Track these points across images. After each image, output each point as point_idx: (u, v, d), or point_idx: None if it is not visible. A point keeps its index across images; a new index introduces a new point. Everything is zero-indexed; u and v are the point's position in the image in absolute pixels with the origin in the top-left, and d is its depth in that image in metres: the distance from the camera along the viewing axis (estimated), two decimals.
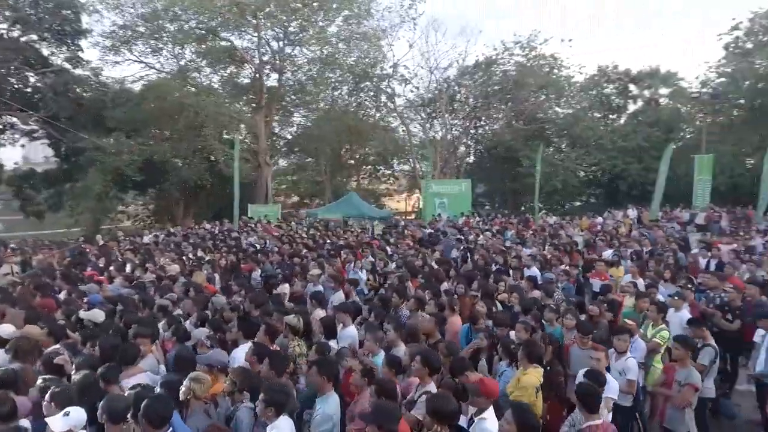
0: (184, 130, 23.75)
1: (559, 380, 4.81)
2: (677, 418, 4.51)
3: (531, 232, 16.38)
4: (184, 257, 11.22)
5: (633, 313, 6.54)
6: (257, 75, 25.16)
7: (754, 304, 6.89)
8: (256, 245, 14.04)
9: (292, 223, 19.67)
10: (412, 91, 31.71)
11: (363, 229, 17.69)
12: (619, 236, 14.99)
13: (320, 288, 8.56)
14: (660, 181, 21.27)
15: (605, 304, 6.72)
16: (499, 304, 7.19)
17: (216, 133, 24.41)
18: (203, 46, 24.81)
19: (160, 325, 5.88)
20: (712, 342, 5.41)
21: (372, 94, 31.07)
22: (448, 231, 16.54)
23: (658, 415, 4.73)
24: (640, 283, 8.35)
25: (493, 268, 9.73)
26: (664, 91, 36.36)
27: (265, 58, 25.12)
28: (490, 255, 11.24)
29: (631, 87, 37.39)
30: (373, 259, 11.00)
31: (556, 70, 33.63)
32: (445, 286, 8.42)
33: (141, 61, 26.15)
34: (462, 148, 35.45)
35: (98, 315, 6.16)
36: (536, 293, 7.49)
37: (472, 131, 34.14)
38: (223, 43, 24.76)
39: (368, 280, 9.94)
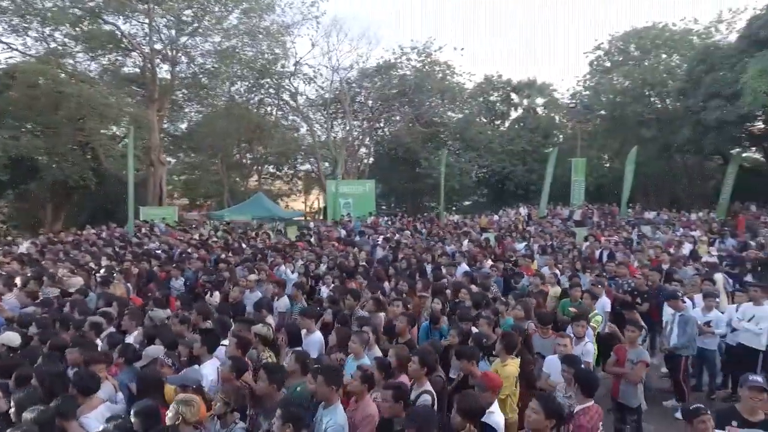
0: (60, 123, 20.72)
1: (530, 369, 5.14)
2: (630, 393, 5.10)
3: (438, 230, 17.25)
4: (85, 267, 9.87)
5: (569, 302, 7.18)
6: (149, 65, 22.91)
7: (656, 288, 8.02)
8: (160, 251, 12.86)
9: (206, 226, 18.27)
10: (317, 91, 31.37)
11: (277, 231, 17.08)
12: (521, 232, 16.43)
13: (259, 294, 8.17)
14: (546, 181, 23.51)
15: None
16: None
17: (100, 128, 21.69)
18: (79, 28, 21.93)
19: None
20: (642, 322, 6.18)
21: (273, 91, 30.11)
22: (366, 231, 16.70)
23: (612, 392, 5.28)
24: (555, 273, 9.28)
25: (428, 266, 9.99)
26: (540, 100, 40.45)
27: (158, 47, 22.99)
28: (416, 253, 11.57)
29: (513, 96, 41.04)
30: (302, 262, 10.73)
31: (449, 77, 35.68)
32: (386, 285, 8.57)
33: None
34: (363, 149, 35.92)
35: (13, 338, 5.20)
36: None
37: (372, 133, 34.72)
38: (107, 27, 22.14)
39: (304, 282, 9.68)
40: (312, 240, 14.30)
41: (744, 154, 26.74)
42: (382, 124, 34.59)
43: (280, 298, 7.75)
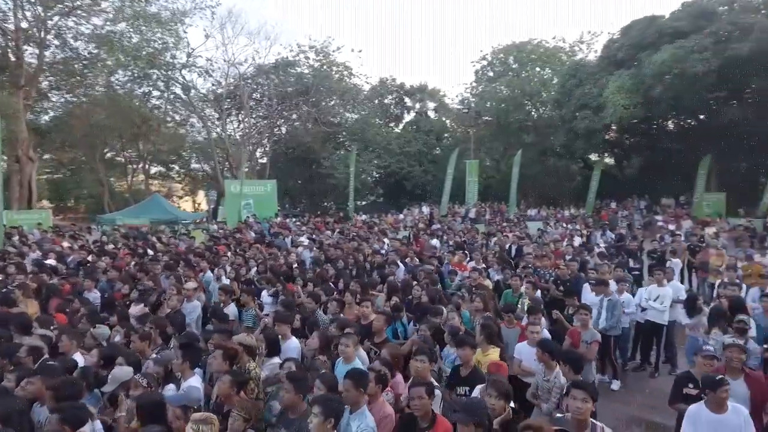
0: None
1: (504, 356, 5.53)
2: (587, 370, 5.73)
3: (356, 230, 17.45)
4: None
5: (510, 293, 7.80)
6: (15, 46, 19.55)
7: (575, 277, 9.03)
8: (46, 261, 11.20)
9: (94, 231, 16.19)
10: (213, 85, 29.51)
11: (181, 235, 15.81)
12: (432, 231, 17.29)
13: (197, 303, 7.60)
14: (447, 182, 24.88)
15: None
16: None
17: None
18: None
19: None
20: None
21: (162, 83, 27.68)
22: (281, 232, 16.24)
23: None
24: (483, 267, 10.01)
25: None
26: (431, 104, 42.59)
27: (23, 26, 19.74)
28: (345, 254, 11.58)
29: (406, 99, 42.68)
30: (230, 267, 10.15)
31: (347, 78, 36.02)
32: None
33: None
34: (260, 148, 34.70)
35: None
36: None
37: (269, 132, 33.71)
38: None
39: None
40: (229, 243, 13.52)
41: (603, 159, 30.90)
42: (279, 123, 33.72)
43: (227, 306, 7.30)
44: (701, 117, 25.76)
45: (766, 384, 4.30)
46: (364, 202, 41.72)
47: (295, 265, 10.50)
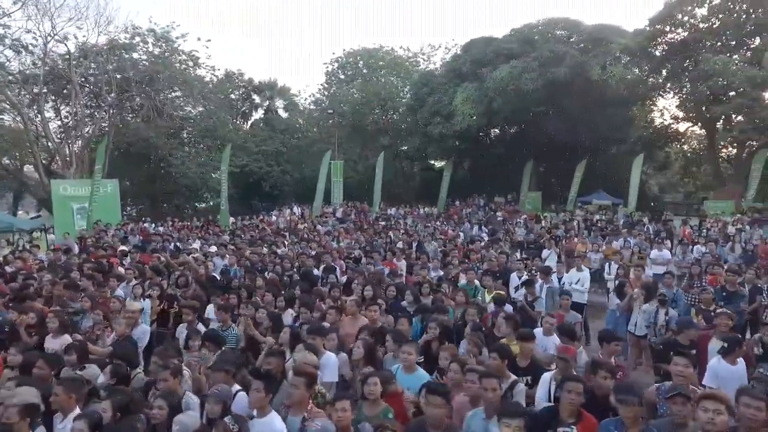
0: None
1: None
2: None
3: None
4: None
5: (467, 285, 8.36)
6: None
7: (504, 268, 10.07)
8: None
9: None
10: (35, 64, 23.92)
11: (32, 245, 12.70)
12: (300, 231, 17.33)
13: (146, 327, 6.44)
14: (321, 182, 24.73)
15: None
16: None
17: None
18: None
19: None
20: None
21: None
22: (154, 239, 14.25)
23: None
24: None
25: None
26: (281, 102, 41.64)
27: None
28: (264, 260, 10.87)
29: (255, 96, 40.94)
30: (136, 282, 8.68)
31: (192, 69, 32.95)
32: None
33: None
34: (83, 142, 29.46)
35: None
36: None
37: (105, 123, 28.97)
38: None
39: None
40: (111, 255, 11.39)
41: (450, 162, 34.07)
42: (112, 114, 29.15)
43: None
44: (527, 128, 30.40)
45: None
46: (211, 203, 38.84)
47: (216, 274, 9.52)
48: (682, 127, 32.18)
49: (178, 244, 13.47)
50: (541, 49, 27.32)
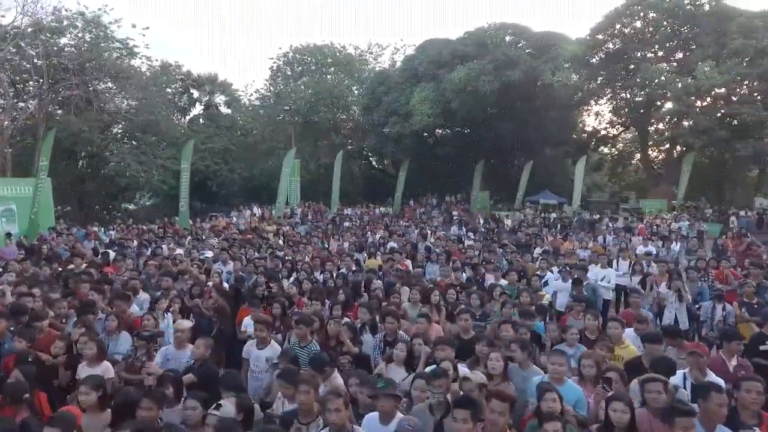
0: None
1: None
2: None
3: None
4: None
5: (509, 287, 8.21)
6: None
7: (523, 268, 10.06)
8: None
9: None
10: None
11: None
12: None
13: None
14: (283, 182, 23.61)
15: None
16: None
17: None
18: None
19: None
20: None
21: None
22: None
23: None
24: None
25: None
26: (222, 98, 39.46)
27: None
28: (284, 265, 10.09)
29: (193, 90, 38.47)
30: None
31: (126, 58, 30.17)
32: None
33: None
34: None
35: None
36: None
37: (24, 116, 25.63)
38: None
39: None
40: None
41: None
42: (39, 103, 25.92)
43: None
44: (479, 128, 31.12)
45: None
46: (148, 203, 36.06)
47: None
48: (614, 131, 34.66)
49: (158, 248, 12.10)
50: (496, 52, 28.10)
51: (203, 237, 14.05)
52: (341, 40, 77.08)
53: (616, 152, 38.40)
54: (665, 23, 26.99)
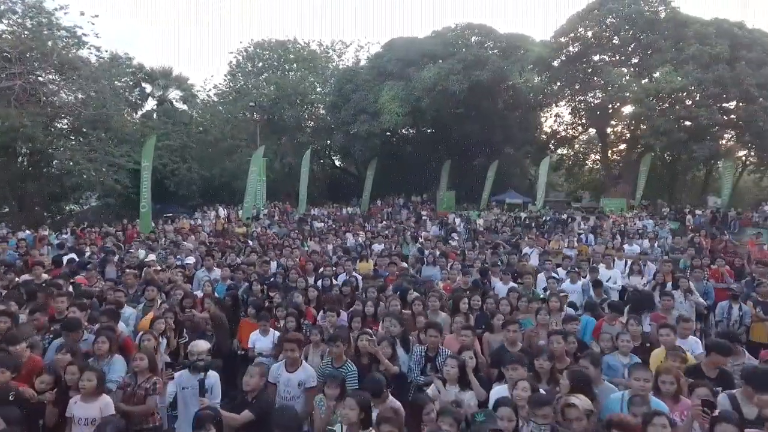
0: None
1: None
2: None
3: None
4: None
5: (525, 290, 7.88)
6: None
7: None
8: None
9: None
10: None
11: None
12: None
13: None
14: (253, 182, 22.49)
15: None
16: None
17: None
18: None
19: None
20: None
21: None
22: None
23: None
24: None
25: None
26: (177, 93, 37.37)
27: None
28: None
29: (145, 85, 36.26)
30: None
31: (73, 48, 27.90)
32: None
33: None
34: None
35: None
36: None
37: None
38: None
39: None
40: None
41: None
42: None
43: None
44: (446, 128, 31.03)
45: None
46: (95, 204, 33.59)
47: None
48: (574, 132, 35.63)
49: (127, 254, 10.95)
50: (464, 52, 28.11)
51: (179, 241, 12.93)
52: (304, 36, 75.60)
53: (572, 153, 39.56)
54: (624, 28, 27.86)
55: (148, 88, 36.42)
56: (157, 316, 6.01)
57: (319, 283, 8.27)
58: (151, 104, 36.86)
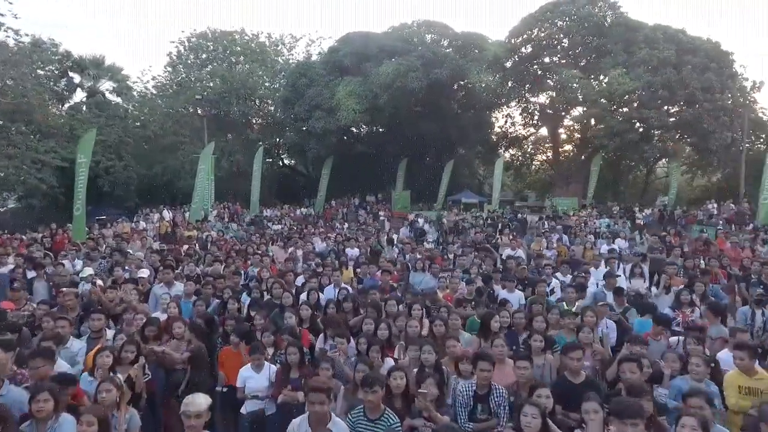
0: None
1: None
2: None
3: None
4: None
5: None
6: None
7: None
8: None
9: None
10: None
11: None
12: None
13: None
14: (202, 181, 20.65)
15: None
16: None
17: None
18: None
19: None
20: None
21: None
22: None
23: None
24: None
25: None
26: (109, 84, 34.24)
27: None
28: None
29: (73, 74, 32.92)
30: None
31: None
32: None
33: None
34: None
35: None
36: None
37: None
38: None
39: None
40: None
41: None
42: None
43: None
44: (402, 126, 30.34)
45: None
46: (11, 206, 30.06)
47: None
48: (524, 132, 36.09)
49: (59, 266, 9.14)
50: (422, 49, 27.50)
51: (126, 249, 11.16)
52: (252, 28, 72.25)
53: (520, 154, 40.17)
54: (574, 31, 28.35)
55: (77, 78, 33.15)
56: (101, 348, 4.63)
57: (303, 296, 7.12)
58: (80, 96, 33.63)
